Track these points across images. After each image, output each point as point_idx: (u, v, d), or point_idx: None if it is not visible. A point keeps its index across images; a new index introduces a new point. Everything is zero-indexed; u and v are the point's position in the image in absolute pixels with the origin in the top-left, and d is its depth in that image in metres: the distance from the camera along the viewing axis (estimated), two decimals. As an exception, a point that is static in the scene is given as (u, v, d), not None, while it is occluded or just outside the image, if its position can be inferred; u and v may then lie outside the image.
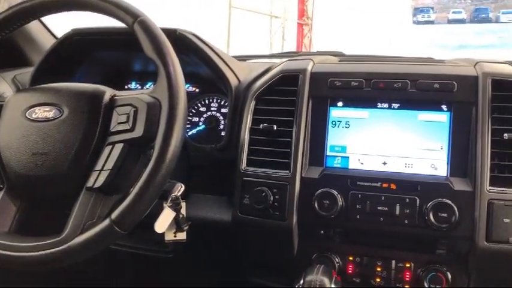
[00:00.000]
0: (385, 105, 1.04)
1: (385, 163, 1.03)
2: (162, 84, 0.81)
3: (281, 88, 1.11)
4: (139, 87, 1.41)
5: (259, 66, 1.25)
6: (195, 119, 1.31)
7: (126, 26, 0.86)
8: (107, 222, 0.76)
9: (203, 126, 1.31)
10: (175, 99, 0.79)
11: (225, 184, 1.13)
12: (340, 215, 1.00)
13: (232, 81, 1.17)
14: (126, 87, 1.42)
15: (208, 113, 1.31)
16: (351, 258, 1.04)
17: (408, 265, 1.01)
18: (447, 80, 1.01)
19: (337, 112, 1.07)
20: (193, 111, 1.32)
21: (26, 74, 1.25)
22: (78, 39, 1.22)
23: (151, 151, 0.78)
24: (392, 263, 1.02)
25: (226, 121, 1.18)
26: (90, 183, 0.79)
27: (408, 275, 1.01)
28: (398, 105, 1.04)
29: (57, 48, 1.23)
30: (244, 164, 1.09)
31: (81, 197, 0.80)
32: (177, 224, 0.96)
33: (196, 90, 1.35)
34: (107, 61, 1.36)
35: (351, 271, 1.04)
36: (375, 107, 1.05)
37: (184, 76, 0.84)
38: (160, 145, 0.77)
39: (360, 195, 1.00)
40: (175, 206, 0.92)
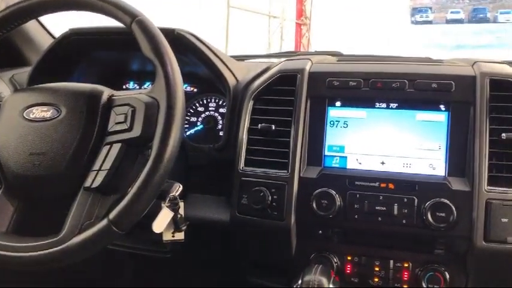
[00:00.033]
0: (383, 105, 1.04)
1: (383, 163, 1.03)
2: (160, 84, 0.81)
3: (279, 88, 1.11)
4: (137, 87, 1.41)
5: (258, 66, 1.24)
6: (193, 119, 1.31)
7: (124, 25, 0.86)
8: (104, 222, 0.76)
9: (201, 126, 1.31)
10: (173, 99, 0.79)
11: (223, 184, 1.13)
12: (338, 214, 1.00)
13: (231, 81, 1.17)
14: (124, 87, 1.42)
15: (207, 112, 1.31)
16: (349, 258, 1.04)
17: (406, 265, 1.01)
18: (445, 80, 1.01)
19: (335, 112, 1.07)
20: (192, 111, 1.32)
21: (23, 74, 1.25)
22: (76, 39, 1.22)
23: (149, 151, 0.78)
24: (391, 262, 1.02)
25: (225, 121, 1.17)
26: (88, 183, 0.79)
27: (406, 274, 1.01)
28: (397, 105, 1.04)
29: (54, 48, 1.22)
30: (242, 164, 1.09)
31: (79, 197, 0.79)
32: (175, 224, 0.96)
33: (195, 90, 1.34)
34: (105, 61, 1.36)
35: (349, 271, 1.04)
36: (373, 106, 1.05)
37: (182, 76, 0.84)
38: (158, 145, 0.76)
39: (358, 195, 1.00)
40: (173, 206, 0.92)
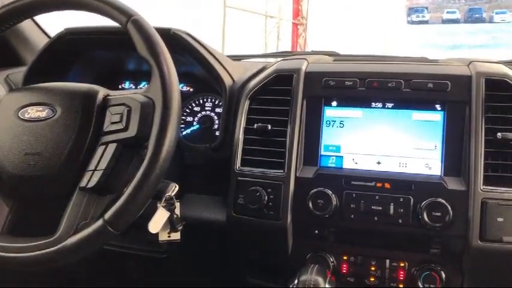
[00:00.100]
0: (379, 104, 1.04)
1: (379, 162, 1.03)
2: (156, 83, 0.80)
3: (275, 88, 1.11)
4: (133, 87, 1.40)
5: (254, 66, 1.24)
6: (190, 119, 1.31)
7: (119, 25, 0.86)
8: (100, 222, 0.76)
9: (197, 126, 1.30)
10: (169, 99, 0.79)
11: (219, 184, 1.13)
12: (334, 214, 1.00)
13: (227, 80, 1.17)
14: (120, 87, 1.41)
15: (203, 112, 1.31)
16: (345, 258, 1.04)
17: (402, 264, 1.01)
18: (441, 80, 1.02)
19: (331, 112, 1.07)
20: (188, 111, 1.31)
21: (18, 74, 1.25)
22: (71, 39, 1.22)
23: (145, 151, 0.78)
24: (387, 262, 1.02)
25: (221, 121, 1.17)
26: (83, 184, 0.79)
27: (402, 274, 1.01)
28: (392, 104, 1.04)
29: (50, 47, 1.22)
30: (238, 164, 1.09)
31: (75, 197, 0.79)
32: (171, 224, 0.96)
33: (191, 90, 1.34)
34: (100, 61, 1.36)
35: (345, 270, 1.04)
36: (369, 106, 1.05)
37: (178, 76, 0.83)
38: (154, 145, 0.76)
39: (354, 195, 1.00)
40: (169, 206, 0.92)
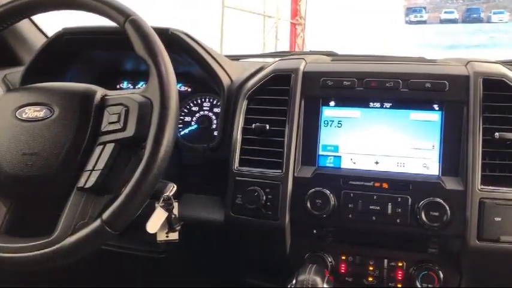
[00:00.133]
0: (377, 104, 1.05)
1: (377, 162, 1.03)
2: (154, 83, 0.80)
3: (273, 88, 1.11)
4: (131, 87, 1.40)
5: (252, 66, 1.24)
6: (188, 119, 1.31)
7: (117, 25, 0.85)
8: (98, 222, 0.75)
9: (195, 126, 1.30)
10: (166, 99, 0.78)
11: (217, 184, 1.13)
12: (332, 214, 1.00)
13: (225, 80, 1.17)
14: (117, 87, 1.41)
15: (201, 112, 1.31)
16: (344, 258, 1.04)
17: (400, 264, 1.01)
18: (439, 80, 1.02)
19: (329, 111, 1.07)
20: (186, 111, 1.31)
21: (16, 74, 1.24)
22: (69, 39, 1.21)
23: (142, 151, 0.77)
24: (385, 262, 1.02)
25: (219, 121, 1.17)
26: (81, 184, 0.79)
27: (400, 274, 1.01)
28: (390, 104, 1.04)
29: (48, 47, 1.22)
30: (236, 164, 1.09)
31: (72, 197, 0.79)
32: (169, 224, 0.96)
33: (189, 90, 1.34)
34: (98, 60, 1.35)
35: (343, 270, 1.04)
36: (367, 106, 1.05)
37: (176, 75, 0.83)
38: (152, 145, 0.76)
39: (352, 195, 1.00)
40: (167, 206, 0.91)
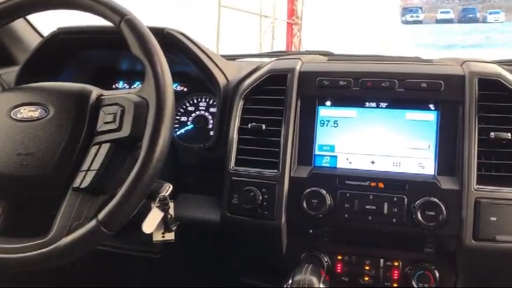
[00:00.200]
0: (373, 104, 1.05)
1: (373, 162, 1.03)
2: (150, 83, 0.80)
3: (269, 87, 1.11)
4: (127, 87, 1.40)
5: (248, 66, 1.24)
6: (184, 119, 1.31)
7: (113, 25, 0.85)
8: (93, 223, 0.75)
9: (192, 126, 1.30)
10: (162, 99, 0.78)
11: (213, 184, 1.13)
12: (328, 214, 1.00)
13: (221, 80, 1.17)
14: (113, 87, 1.41)
15: (197, 112, 1.31)
16: (340, 257, 1.04)
17: (396, 264, 1.02)
18: (434, 79, 1.02)
19: (325, 111, 1.07)
20: (182, 111, 1.31)
21: (11, 73, 1.24)
22: (64, 38, 1.21)
23: (138, 151, 0.77)
24: (381, 261, 1.02)
25: (215, 121, 1.17)
26: (76, 184, 0.79)
27: (396, 273, 1.01)
28: (386, 104, 1.04)
29: (43, 47, 1.21)
30: (232, 164, 1.08)
31: (68, 197, 0.79)
32: (165, 225, 0.96)
33: (185, 90, 1.34)
34: (94, 60, 1.35)
35: (339, 270, 1.04)
36: (363, 106, 1.05)
37: (172, 75, 0.83)
38: (148, 145, 0.76)
39: (348, 194, 1.00)
40: (163, 206, 0.91)
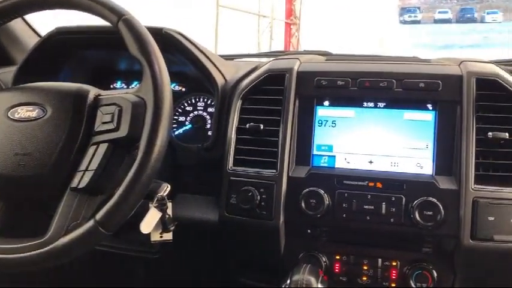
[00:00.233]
0: (371, 104, 1.05)
1: (371, 162, 1.03)
2: (147, 83, 0.80)
3: (268, 87, 1.11)
4: (125, 87, 1.39)
5: (246, 65, 1.24)
6: (182, 119, 1.30)
7: (110, 24, 0.85)
8: (91, 223, 0.75)
9: (190, 126, 1.30)
10: (160, 99, 0.78)
11: (211, 184, 1.13)
12: (326, 213, 1.00)
13: (219, 80, 1.17)
14: (111, 87, 1.40)
15: (195, 112, 1.31)
16: (338, 257, 1.04)
17: (394, 263, 1.02)
18: (432, 79, 1.02)
19: (323, 111, 1.07)
20: (180, 111, 1.31)
21: (8, 73, 1.23)
22: (62, 38, 1.21)
23: (136, 151, 0.77)
24: (379, 261, 1.02)
25: (213, 120, 1.17)
26: (74, 184, 0.78)
27: (394, 273, 1.02)
28: (384, 104, 1.04)
29: (40, 47, 1.21)
30: (231, 164, 1.08)
31: (65, 197, 0.78)
32: (163, 225, 0.95)
33: (183, 90, 1.34)
34: (91, 60, 1.35)
35: (337, 270, 1.04)
36: (361, 106, 1.05)
37: (170, 75, 0.83)
38: (146, 145, 0.76)
39: (346, 194, 1.00)
40: (161, 206, 0.91)
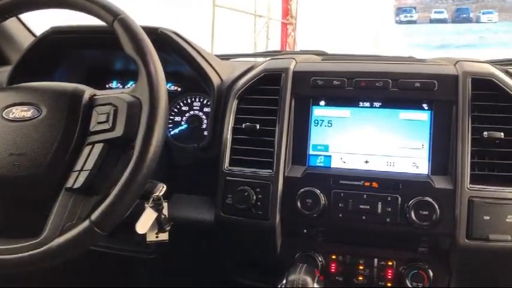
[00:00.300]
0: (367, 104, 1.05)
1: (367, 162, 1.03)
2: (143, 83, 0.80)
3: (264, 87, 1.11)
4: (120, 87, 1.39)
5: (242, 65, 1.24)
6: (178, 119, 1.30)
7: (106, 24, 0.85)
8: (86, 223, 0.75)
9: (186, 126, 1.30)
10: (155, 99, 0.78)
11: (207, 184, 1.13)
12: (322, 213, 1.00)
13: (215, 80, 1.17)
14: (107, 87, 1.40)
15: (191, 112, 1.30)
16: (334, 257, 1.04)
17: (390, 263, 1.02)
18: (428, 79, 1.02)
19: (319, 111, 1.07)
20: (176, 111, 1.31)
21: (3, 73, 1.23)
22: (57, 38, 1.20)
23: (131, 151, 0.77)
24: (375, 261, 1.02)
25: (209, 120, 1.17)
26: (69, 184, 0.78)
27: (390, 273, 1.02)
28: (380, 104, 1.04)
29: (35, 46, 1.20)
30: (227, 164, 1.08)
31: (61, 197, 0.78)
32: (159, 225, 0.95)
33: (179, 89, 1.33)
34: (87, 60, 1.34)
35: (333, 270, 1.04)
36: (356, 106, 1.05)
37: (166, 75, 0.83)
38: (141, 145, 0.76)
39: (342, 194, 1.00)
40: (157, 207, 0.91)
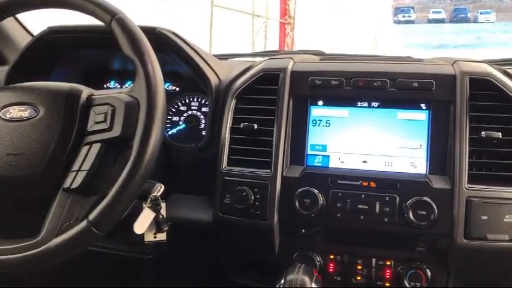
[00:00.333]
0: (365, 104, 1.05)
1: (365, 161, 1.03)
2: (140, 83, 0.80)
3: (262, 87, 1.11)
4: (118, 86, 1.39)
5: (240, 65, 1.24)
6: (176, 118, 1.30)
7: (103, 24, 0.85)
8: (84, 223, 0.75)
9: (184, 126, 1.29)
10: (153, 99, 0.78)
11: (206, 184, 1.12)
12: (321, 213, 1.00)
13: (213, 80, 1.16)
14: (105, 86, 1.40)
15: (189, 112, 1.30)
16: (332, 257, 1.04)
17: (388, 263, 1.02)
18: (426, 79, 1.02)
19: (317, 111, 1.07)
20: (174, 111, 1.31)
21: (0, 73, 1.23)
22: (54, 37, 1.20)
23: (129, 151, 0.77)
24: (373, 261, 1.02)
25: (207, 120, 1.17)
26: (67, 184, 0.78)
27: (388, 272, 1.02)
28: (378, 104, 1.04)
29: (33, 46, 1.20)
30: (225, 164, 1.08)
31: (58, 198, 0.78)
32: (157, 225, 0.95)
33: (177, 89, 1.33)
34: (84, 60, 1.34)
35: (331, 270, 1.04)
36: (354, 105, 1.05)
37: (164, 75, 0.83)
38: (139, 145, 0.76)
39: (341, 194, 1.00)
40: (155, 207, 0.91)
